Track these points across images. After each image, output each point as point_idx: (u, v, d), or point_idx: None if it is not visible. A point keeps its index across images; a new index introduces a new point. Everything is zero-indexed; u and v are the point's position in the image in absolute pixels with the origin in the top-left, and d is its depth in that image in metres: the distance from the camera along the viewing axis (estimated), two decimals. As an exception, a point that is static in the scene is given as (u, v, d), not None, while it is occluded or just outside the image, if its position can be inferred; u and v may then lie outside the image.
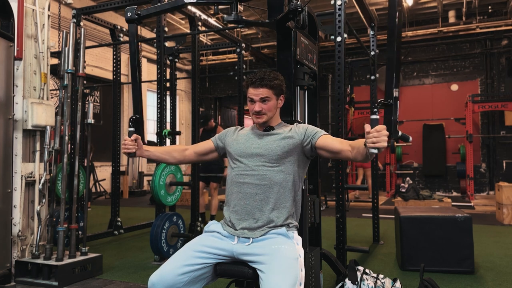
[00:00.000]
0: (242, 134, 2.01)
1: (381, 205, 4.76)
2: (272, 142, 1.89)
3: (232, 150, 1.96)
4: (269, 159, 1.84)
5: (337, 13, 3.42)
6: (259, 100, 1.90)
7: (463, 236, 3.39)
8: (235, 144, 1.96)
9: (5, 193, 2.96)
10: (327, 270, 2.82)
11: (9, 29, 3.11)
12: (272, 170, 1.83)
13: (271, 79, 1.90)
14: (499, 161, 10.62)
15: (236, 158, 1.92)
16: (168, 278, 1.63)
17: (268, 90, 1.90)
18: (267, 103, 1.91)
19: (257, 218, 1.76)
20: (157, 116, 4.17)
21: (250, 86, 1.92)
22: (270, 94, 1.91)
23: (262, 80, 1.89)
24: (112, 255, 4.16)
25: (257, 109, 1.90)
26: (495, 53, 10.67)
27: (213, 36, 11.61)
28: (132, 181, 11.43)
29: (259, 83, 1.89)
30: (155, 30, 4.25)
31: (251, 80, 1.92)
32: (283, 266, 1.59)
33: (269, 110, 1.92)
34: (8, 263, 2.94)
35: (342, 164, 3.45)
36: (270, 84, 1.89)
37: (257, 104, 1.90)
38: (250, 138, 1.96)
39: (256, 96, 1.90)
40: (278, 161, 1.84)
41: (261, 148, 1.88)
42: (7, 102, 3.01)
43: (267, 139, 1.91)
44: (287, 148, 1.86)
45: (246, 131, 2.03)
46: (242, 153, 1.91)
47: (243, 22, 2.30)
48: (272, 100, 1.92)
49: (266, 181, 1.81)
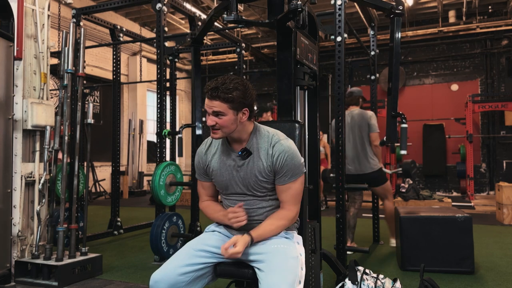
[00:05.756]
0: (215, 158, 1.78)
1: (381, 205, 4.75)
2: (252, 176, 1.70)
3: (215, 183, 1.82)
4: (254, 196, 1.74)
5: (337, 13, 3.41)
6: (213, 114, 1.62)
7: (463, 236, 3.38)
8: (214, 175, 1.79)
9: (5, 193, 2.96)
10: (327, 270, 2.81)
11: (9, 29, 3.11)
12: (260, 200, 1.75)
13: (228, 90, 1.58)
14: (499, 161, 10.62)
15: (221, 192, 1.83)
16: (171, 277, 1.62)
17: (222, 104, 1.59)
18: (222, 118, 1.61)
19: (255, 225, 1.74)
20: (157, 116, 4.17)
21: (207, 95, 1.61)
22: (225, 109, 1.60)
23: (215, 91, 1.58)
24: (112, 255, 4.16)
25: (210, 123, 1.62)
26: (495, 53, 10.67)
27: (213, 36, 11.60)
28: (132, 181, 11.43)
29: (212, 94, 1.59)
30: (155, 30, 4.25)
31: (207, 88, 1.61)
32: (282, 265, 1.58)
33: (225, 126, 1.63)
34: (8, 263, 2.94)
35: (342, 164, 3.45)
36: (225, 96, 1.58)
37: (209, 118, 1.62)
38: (226, 166, 1.74)
39: (209, 109, 1.61)
40: (264, 192, 1.75)
41: (244, 186, 1.73)
42: (7, 102, 3.01)
43: (246, 171, 1.71)
44: (270, 179, 1.70)
45: (218, 152, 1.78)
46: (225, 189, 1.78)
47: (243, 22, 2.30)
48: (227, 115, 1.61)
49: (257, 206, 1.76)
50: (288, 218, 1.72)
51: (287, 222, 1.72)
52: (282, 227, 1.72)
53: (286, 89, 2.33)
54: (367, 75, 5.71)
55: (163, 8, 4.12)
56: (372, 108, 5.04)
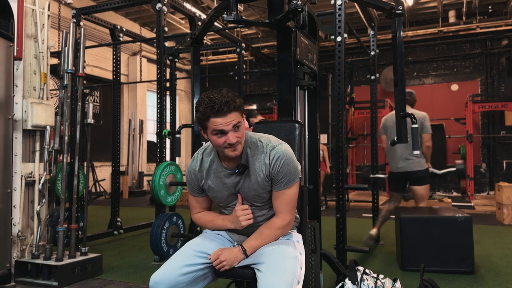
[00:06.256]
0: (211, 176, 1.72)
1: (381, 205, 4.76)
2: (251, 190, 1.67)
3: (211, 197, 1.78)
4: (253, 206, 1.72)
5: (337, 13, 3.42)
6: (232, 129, 1.56)
7: (463, 236, 3.39)
8: (212, 192, 1.75)
9: (5, 193, 2.96)
10: (327, 270, 2.81)
11: (9, 29, 3.11)
12: (259, 208, 1.74)
13: (234, 99, 1.56)
14: (499, 161, 10.62)
15: (218, 204, 1.80)
16: (171, 277, 1.61)
17: (237, 113, 1.57)
18: (240, 129, 1.59)
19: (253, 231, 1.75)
20: (157, 116, 4.17)
21: (213, 116, 1.53)
22: (240, 118, 1.58)
23: (228, 104, 1.53)
24: (112, 255, 4.16)
25: (233, 140, 1.56)
26: (495, 53, 10.67)
27: (213, 36, 11.60)
28: (132, 181, 11.43)
29: (227, 108, 1.53)
30: (155, 30, 4.25)
31: (212, 107, 1.52)
32: (281, 265, 1.58)
33: (243, 136, 1.61)
34: (8, 263, 2.94)
35: (342, 164, 3.45)
36: (236, 106, 1.56)
37: (230, 135, 1.55)
38: (223, 184, 1.71)
39: (227, 126, 1.54)
40: (264, 202, 1.73)
41: (244, 199, 1.71)
42: (7, 102, 3.00)
43: (244, 185, 1.68)
44: (267, 190, 1.68)
45: (212, 170, 1.72)
46: (223, 202, 1.76)
47: (243, 22, 2.30)
48: (242, 124, 1.60)
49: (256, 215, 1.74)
50: (281, 227, 1.70)
51: (280, 232, 1.71)
52: (276, 237, 1.71)
53: (286, 89, 2.33)
54: (367, 75, 5.71)
55: (163, 8, 4.12)
56: (372, 108, 5.04)
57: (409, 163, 4.25)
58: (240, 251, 1.66)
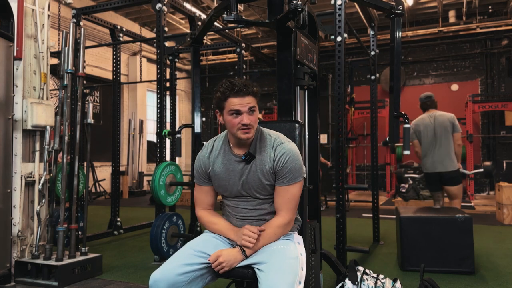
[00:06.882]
0: (218, 162, 1.77)
1: (381, 205, 4.76)
2: (256, 180, 1.71)
3: (216, 187, 1.82)
4: (256, 198, 1.75)
5: (337, 13, 3.42)
6: (247, 111, 1.65)
7: (463, 236, 3.38)
8: (217, 179, 1.78)
9: (5, 193, 2.96)
10: (327, 270, 2.81)
11: (9, 29, 3.11)
12: (262, 202, 1.76)
13: (253, 86, 1.67)
14: (499, 161, 10.62)
15: (222, 194, 1.82)
16: (170, 276, 1.62)
17: (254, 99, 1.67)
18: (254, 114, 1.67)
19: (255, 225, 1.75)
20: (157, 116, 4.17)
21: (231, 96, 1.63)
22: (256, 103, 1.68)
23: (247, 87, 1.64)
24: (112, 255, 4.16)
25: (246, 121, 1.63)
26: (495, 53, 10.67)
27: (213, 36, 11.60)
28: (132, 181, 11.43)
29: (246, 90, 1.64)
30: (155, 30, 4.25)
31: (232, 88, 1.63)
32: (282, 265, 1.58)
33: (256, 122, 1.70)
34: (8, 263, 2.94)
35: (342, 164, 3.45)
36: (254, 91, 1.67)
37: (245, 116, 1.64)
38: (230, 171, 1.75)
39: (243, 107, 1.64)
40: (267, 195, 1.75)
41: (247, 189, 1.74)
42: (7, 102, 3.01)
43: (250, 174, 1.72)
44: (271, 183, 1.71)
45: (220, 157, 1.78)
46: (227, 192, 1.78)
47: (243, 22, 2.30)
48: (256, 110, 1.69)
49: (259, 207, 1.76)
50: (281, 225, 1.71)
51: (280, 230, 1.71)
52: (276, 236, 1.71)
53: (286, 89, 2.33)
54: (367, 75, 5.71)
55: (163, 8, 4.12)
56: (372, 108, 5.04)
57: (444, 164, 4.35)
58: (239, 252, 1.67)
